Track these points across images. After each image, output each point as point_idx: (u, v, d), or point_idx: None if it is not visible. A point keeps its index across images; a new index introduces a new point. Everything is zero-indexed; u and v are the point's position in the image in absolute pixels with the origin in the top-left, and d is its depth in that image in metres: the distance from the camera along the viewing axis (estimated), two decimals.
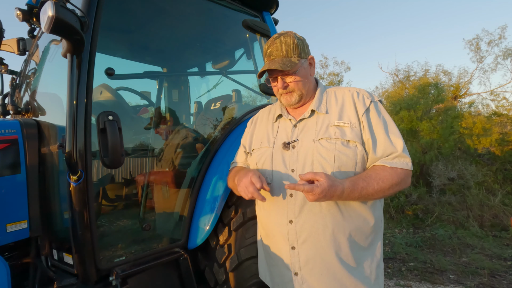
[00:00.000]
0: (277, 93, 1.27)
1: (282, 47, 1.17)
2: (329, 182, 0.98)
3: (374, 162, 1.12)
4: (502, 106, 7.02)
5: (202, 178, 1.87)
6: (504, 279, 3.13)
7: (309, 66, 1.24)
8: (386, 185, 1.06)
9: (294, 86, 1.20)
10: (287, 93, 1.22)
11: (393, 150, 1.10)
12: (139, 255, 1.61)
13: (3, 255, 1.47)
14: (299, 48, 1.19)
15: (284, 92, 1.22)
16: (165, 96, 2.98)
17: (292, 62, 1.16)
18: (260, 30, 2.19)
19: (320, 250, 1.10)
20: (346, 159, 1.09)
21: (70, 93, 1.24)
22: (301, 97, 1.22)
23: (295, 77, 1.19)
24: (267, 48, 1.21)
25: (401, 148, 1.10)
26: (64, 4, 1.10)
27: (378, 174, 1.07)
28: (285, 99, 1.24)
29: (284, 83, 1.20)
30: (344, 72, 11.58)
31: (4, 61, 2.25)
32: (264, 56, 1.24)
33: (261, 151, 1.28)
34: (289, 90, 1.21)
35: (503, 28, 7.49)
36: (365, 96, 1.19)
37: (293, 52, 1.17)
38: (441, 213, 5.26)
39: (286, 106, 1.27)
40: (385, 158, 1.10)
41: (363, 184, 1.04)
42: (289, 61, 1.15)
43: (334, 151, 1.09)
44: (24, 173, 1.49)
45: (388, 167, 1.09)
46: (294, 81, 1.19)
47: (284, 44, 1.17)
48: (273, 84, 1.25)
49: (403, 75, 8.52)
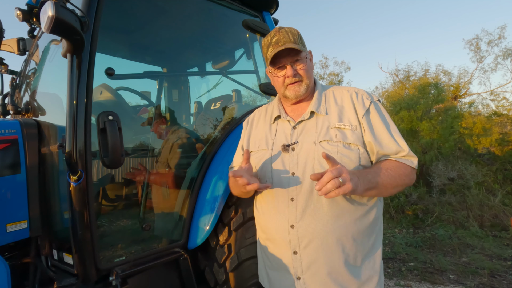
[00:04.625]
0: (282, 85, 1.20)
1: (289, 35, 1.14)
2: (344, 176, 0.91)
3: (381, 157, 1.12)
4: (502, 106, 7.03)
5: (202, 178, 1.87)
6: (504, 279, 3.13)
7: (310, 61, 1.23)
8: (395, 174, 1.06)
9: (304, 74, 1.16)
10: (296, 83, 1.17)
11: (399, 149, 1.10)
12: (139, 255, 1.61)
13: (3, 255, 1.47)
14: (302, 39, 1.18)
15: (292, 81, 1.17)
16: (165, 96, 2.98)
17: (303, 47, 1.15)
18: (260, 30, 2.19)
19: (322, 254, 1.09)
20: (348, 162, 1.08)
21: (70, 93, 1.23)
22: (307, 89, 1.19)
23: (304, 64, 1.16)
24: (272, 37, 1.15)
25: (407, 148, 1.11)
26: (64, 4, 1.10)
27: (385, 164, 1.08)
28: (292, 90, 1.17)
29: (294, 70, 1.15)
30: (344, 72, 11.59)
31: (4, 61, 2.25)
32: (268, 46, 1.16)
33: (260, 154, 1.25)
34: (298, 78, 1.16)
35: (503, 28, 7.50)
36: (364, 96, 1.17)
37: (299, 41, 1.16)
38: (441, 213, 5.27)
39: (293, 98, 1.20)
40: (394, 155, 1.11)
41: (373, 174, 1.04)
42: (297, 46, 1.13)
43: (336, 154, 1.08)
44: (24, 173, 1.49)
45: (394, 160, 1.10)
46: (304, 69, 1.16)
47: (290, 33, 1.14)
48: (280, 74, 1.18)
49: (403, 75, 8.52)
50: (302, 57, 1.15)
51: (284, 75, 1.17)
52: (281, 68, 1.18)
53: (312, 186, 1.10)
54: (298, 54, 1.15)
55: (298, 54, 1.15)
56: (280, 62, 1.17)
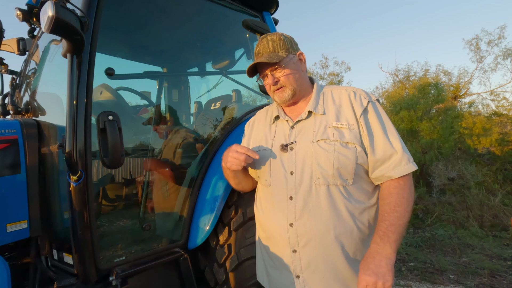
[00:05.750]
0: (270, 92, 1.25)
1: (269, 44, 1.19)
2: (377, 274, 0.98)
3: (375, 164, 1.11)
4: (502, 106, 7.03)
5: (202, 178, 1.87)
6: (504, 279, 3.13)
7: (299, 61, 1.24)
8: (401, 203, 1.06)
9: (285, 81, 1.19)
10: (279, 89, 1.20)
11: (392, 152, 1.09)
12: (139, 255, 1.61)
13: (3, 255, 1.47)
14: (286, 44, 1.20)
15: (275, 88, 1.21)
16: (165, 96, 2.98)
17: (278, 55, 1.16)
18: (260, 30, 2.19)
19: (322, 253, 1.10)
20: (345, 161, 1.08)
21: (70, 93, 1.23)
22: (294, 93, 1.20)
23: (284, 71, 1.18)
24: (256, 48, 1.23)
25: (400, 149, 1.10)
26: (64, 4, 1.10)
27: (390, 203, 1.07)
28: (278, 96, 1.22)
29: (274, 78, 1.19)
30: (344, 72, 11.61)
31: (4, 61, 2.25)
32: (254, 57, 1.24)
33: (259, 154, 1.26)
34: (280, 85, 1.19)
35: (503, 28, 7.52)
36: (362, 96, 1.17)
37: (280, 47, 1.18)
38: (441, 213, 5.27)
39: (280, 103, 1.25)
40: (387, 164, 1.09)
41: (392, 229, 1.03)
42: (275, 55, 1.16)
43: (333, 153, 1.08)
44: (24, 173, 1.49)
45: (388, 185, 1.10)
46: (284, 75, 1.18)
47: (270, 41, 1.19)
48: (265, 82, 1.24)
49: (403, 75, 8.53)
50: (281, 64, 1.17)
51: (268, 83, 1.22)
52: (265, 77, 1.23)
53: (311, 184, 1.11)
54: (277, 63, 1.17)
55: (277, 63, 1.17)
56: (262, 72, 1.22)
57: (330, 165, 1.08)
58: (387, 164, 1.09)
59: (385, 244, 1.02)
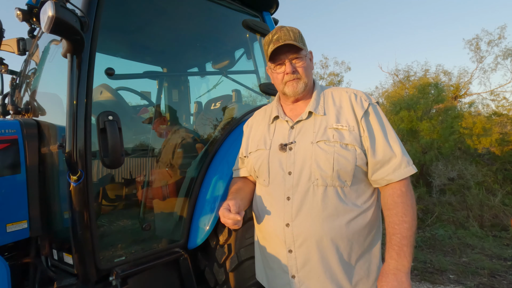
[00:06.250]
0: (281, 82, 1.20)
1: (290, 33, 1.15)
2: None
3: (374, 166, 1.11)
4: (502, 106, 7.04)
5: (202, 178, 1.87)
6: (504, 279, 3.13)
7: (310, 60, 1.24)
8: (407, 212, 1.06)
9: (302, 72, 1.17)
10: (294, 80, 1.17)
11: (392, 155, 1.09)
12: (139, 255, 1.61)
13: (3, 255, 1.47)
14: (303, 39, 1.20)
15: (291, 78, 1.17)
16: (165, 96, 2.98)
17: (303, 45, 1.16)
18: (260, 30, 2.19)
19: (317, 253, 1.09)
20: (345, 162, 1.08)
21: (70, 93, 1.23)
22: (305, 87, 1.19)
23: (303, 62, 1.17)
24: (273, 35, 1.17)
25: (400, 152, 1.09)
26: (64, 4, 1.10)
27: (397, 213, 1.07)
28: (291, 87, 1.18)
29: (293, 67, 1.16)
30: (344, 72, 11.60)
31: (4, 61, 2.25)
32: (269, 43, 1.17)
33: (258, 153, 1.27)
34: (297, 76, 1.17)
35: (503, 28, 7.52)
36: (362, 98, 1.17)
37: (300, 39, 1.17)
38: (441, 213, 5.27)
39: (292, 95, 1.20)
40: (387, 167, 1.09)
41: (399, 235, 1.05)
42: (302, 43, 1.16)
43: (333, 154, 1.08)
44: (24, 173, 1.49)
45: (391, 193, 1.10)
46: (303, 66, 1.17)
47: (291, 31, 1.16)
48: (279, 70, 1.20)
49: (403, 75, 8.54)
50: (301, 55, 1.16)
51: (283, 72, 1.19)
52: (280, 65, 1.19)
53: (308, 185, 1.11)
54: (298, 52, 1.16)
55: (298, 52, 1.16)
56: (280, 59, 1.18)
57: (330, 166, 1.08)
58: (387, 167, 1.09)
59: (402, 260, 1.02)
